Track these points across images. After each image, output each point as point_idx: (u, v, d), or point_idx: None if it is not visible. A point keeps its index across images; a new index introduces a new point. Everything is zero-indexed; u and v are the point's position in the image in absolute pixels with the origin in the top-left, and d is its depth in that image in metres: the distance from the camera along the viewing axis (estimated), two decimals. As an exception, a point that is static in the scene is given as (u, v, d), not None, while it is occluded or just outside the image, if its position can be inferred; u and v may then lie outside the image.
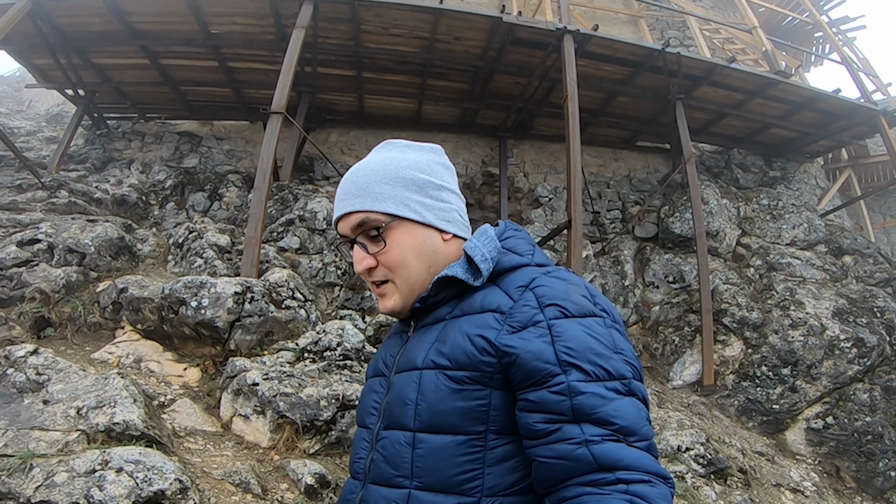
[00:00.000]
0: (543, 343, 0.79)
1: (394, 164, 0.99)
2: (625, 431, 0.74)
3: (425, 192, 0.98)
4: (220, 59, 7.20)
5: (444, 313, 0.95)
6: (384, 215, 0.95)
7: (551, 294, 0.84)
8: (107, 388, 3.01)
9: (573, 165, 5.71)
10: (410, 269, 0.95)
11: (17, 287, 4.07)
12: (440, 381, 0.85)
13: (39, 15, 6.32)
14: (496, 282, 0.93)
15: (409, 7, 6.59)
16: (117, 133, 7.97)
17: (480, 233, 0.99)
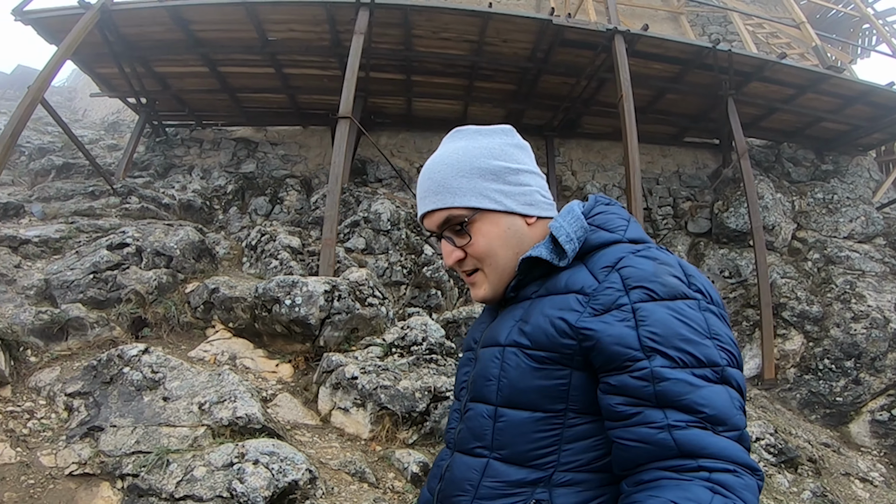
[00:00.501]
0: (626, 327, 0.78)
1: (467, 154, 0.97)
2: (713, 420, 0.71)
3: (503, 179, 0.96)
4: (277, 66, 7.43)
5: (531, 292, 0.94)
6: (466, 210, 0.94)
7: (638, 275, 0.81)
8: (223, 384, 3.20)
9: (632, 164, 5.78)
10: (498, 259, 0.95)
11: (114, 289, 4.30)
12: (521, 359, 0.86)
13: (107, 25, 6.58)
14: (584, 260, 0.91)
15: (460, 11, 6.73)
16: (176, 140, 8.26)
17: (566, 211, 0.97)
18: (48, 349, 3.66)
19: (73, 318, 3.84)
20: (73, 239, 5.18)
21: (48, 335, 3.72)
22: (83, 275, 4.31)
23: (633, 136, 5.91)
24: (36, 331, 3.67)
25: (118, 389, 3.16)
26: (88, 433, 2.89)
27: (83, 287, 4.23)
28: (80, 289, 4.22)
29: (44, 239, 5.03)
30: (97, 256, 4.47)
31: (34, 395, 3.24)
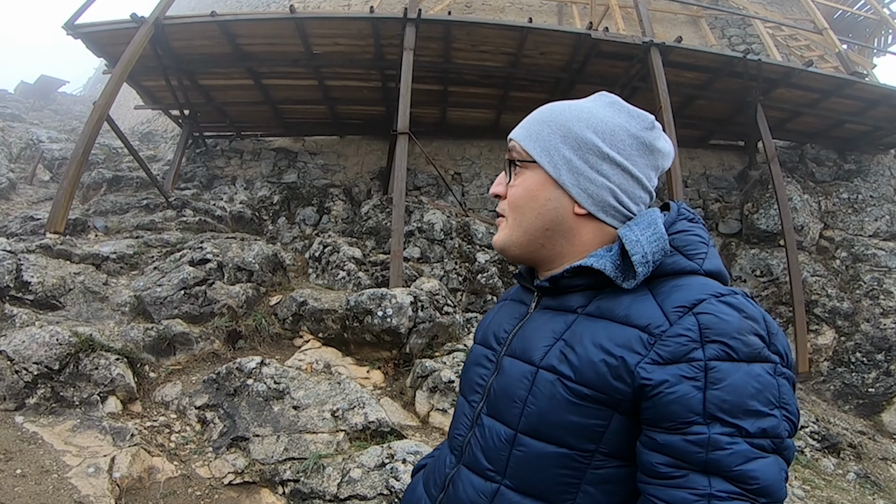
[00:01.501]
0: (692, 387, 0.69)
1: (575, 112, 0.89)
2: (759, 492, 0.66)
3: (581, 154, 0.86)
4: (319, 78, 7.64)
5: (576, 304, 0.84)
6: (525, 154, 0.89)
7: (720, 327, 0.70)
8: (347, 392, 3.46)
9: (674, 173, 6.07)
10: (524, 217, 0.87)
11: (205, 304, 4.53)
12: (557, 389, 0.77)
13: (158, 39, 6.74)
14: (650, 284, 0.80)
15: (500, 26, 6.98)
16: (216, 151, 8.45)
17: (648, 221, 0.83)
18: (160, 364, 3.90)
19: (178, 333, 4.07)
20: (145, 254, 5.40)
21: (158, 350, 3.96)
22: (174, 291, 4.54)
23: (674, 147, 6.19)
24: (147, 347, 3.90)
25: (246, 401, 3.41)
26: (233, 443, 3.14)
27: (176, 303, 4.46)
28: (174, 304, 4.45)
29: (120, 255, 5.23)
30: (183, 273, 4.69)
31: (163, 409, 3.48)
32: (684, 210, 0.89)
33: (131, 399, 3.44)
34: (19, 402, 3.12)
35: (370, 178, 8.33)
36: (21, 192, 7.06)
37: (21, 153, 8.14)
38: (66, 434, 2.94)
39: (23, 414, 3.05)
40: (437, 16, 6.90)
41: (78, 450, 2.80)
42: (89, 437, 2.94)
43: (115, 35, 6.91)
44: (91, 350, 3.45)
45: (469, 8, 10.87)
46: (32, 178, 7.56)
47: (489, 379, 0.89)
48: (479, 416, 0.88)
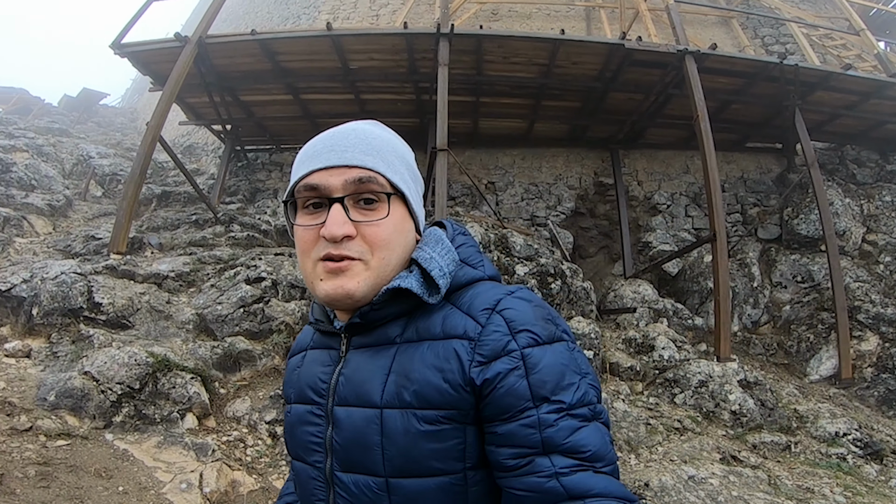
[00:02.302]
0: (517, 376, 0.74)
1: (398, 142, 0.92)
2: (593, 458, 0.72)
3: (417, 185, 0.92)
4: (355, 92, 7.85)
5: (394, 334, 0.83)
6: (391, 186, 0.84)
7: (521, 319, 0.77)
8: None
9: (712, 182, 6.10)
10: (393, 255, 0.83)
11: (264, 321, 4.76)
12: (410, 423, 0.77)
13: (202, 58, 7.02)
14: (450, 298, 0.84)
15: (532, 38, 7.08)
16: (256, 164, 8.73)
17: (434, 240, 0.87)
18: (227, 380, 4.13)
19: (242, 350, 4.30)
20: (200, 271, 5.65)
21: (225, 367, 4.19)
22: (233, 309, 4.77)
23: (712, 154, 6.23)
24: (215, 364, 4.14)
25: (310, 417, 3.61)
26: (303, 458, 3.34)
27: (237, 320, 4.70)
28: (235, 322, 4.68)
29: (178, 273, 5.50)
30: (241, 291, 4.92)
31: (235, 423, 3.70)
32: (457, 226, 0.96)
33: (205, 415, 3.67)
34: (107, 420, 3.36)
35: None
36: (77, 209, 7.42)
37: (73, 169, 8.53)
38: (153, 450, 3.17)
39: (111, 431, 3.30)
40: (469, 30, 7.02)
41: (167, 466, 3.02)
42: (174, 453, 3.16)
43: (159, 54, 7.23)
44: (167, 369, 3.69)
45: (495, 15, 10.96)
46: (86, 193, 7.92)
47: (326, 434, 0.85)
48: (333, 475, 0.83)
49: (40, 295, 4.52)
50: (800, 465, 4.82)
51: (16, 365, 3.95)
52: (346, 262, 0.80)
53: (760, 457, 4.83)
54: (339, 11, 11.24)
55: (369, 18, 10.99)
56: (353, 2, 11.38)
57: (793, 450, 5.03)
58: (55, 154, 8.53)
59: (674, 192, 8.29)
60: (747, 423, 5.16)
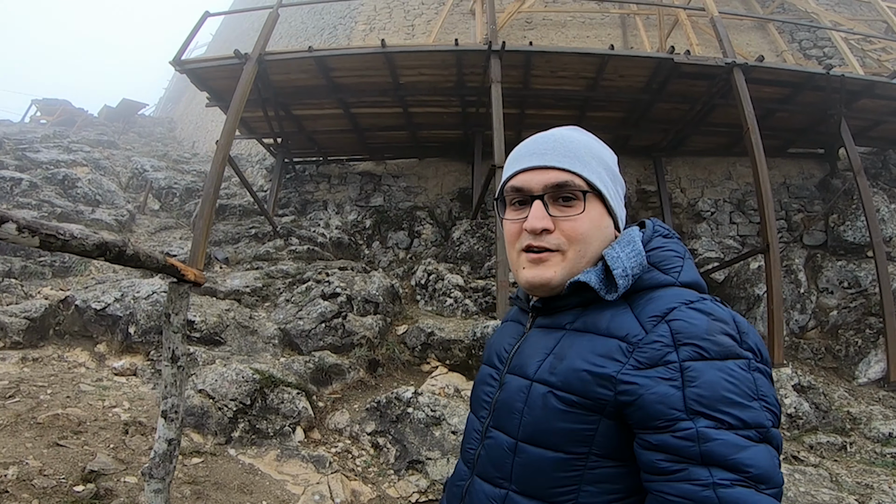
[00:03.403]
0: (671, 387, 0.74)
1: (597, 145, 0.99)
2: (757, 479, 0.70)
3: (617, 185, 0.97)
4: (404, 106, 8.07)
5: (566, 321, 0.91)
6: (588, 184, 0.92)
7: (690, 331, 0.77)
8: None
9: (764, 193, 6.24)
10: (589, 248, 0.91)
11: (345, 335, 5.00)
12: (548, 399, 0.83)
13: (260, 74, 7.26)
14: (630, 299, 0.87)
15: (580, 54, 7.24)
16: (304, 176, 8.98)
17: (627, 240, 0.92)
18: (321, 393, 4.38)
19: (332, 364, 4.55)
20: (271, 286, 5.92)
21: (318, 381, 4.44)
22: (315, 324, 5.02)
23: (763, 166, 6.36)
24: (310, 378, 4.39)
25: (409, 427, 3.85)
26: (410, 466, 3.58)
27: (320, 335, 4.95)
28: (318, 337, 4.93)
29: (252, 288, 5.77)
30: (320, 307, 5.17)
31: (337, 435, 3.95)
32: (659, 227, 0.98)
33: (310, 427, 3.91)
34: (227, 435, 3.62)
35: (450, 199, 8.72)
36: (139, 223, 7.72)
37: (129, 182, 8.84)
38: (275, 464, 3.42)
39: (233, 447, 3.55)
40: (520, 46, 7.19)
41: (293, 478, 3.27)
42: (295, 466, 3.41)
43: (218, 71, 7.50)
44: (273, 385, 3.94)
45: (529, 24, 11.11)
46: (144, 207, 8.22)
47: (494, 395, 0.96)
48: (487, 430, 0.94)
49: (136, 314, 4.80)
50: (856, 463, 4.99)
51: (127, 383, 4.22)
52: (546, 254, 0.90)
53: (818, 456, 5.01)
54: (375, 22, 11.44)
55: (405, 28, 11.19)
56: (389, 12, 11.58)
57: (848, 450, 5.20)
58: (111, 167, 8.85)
59: (717, 198, 8.42)
60: (803, 426, 5.34)
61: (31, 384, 3.79)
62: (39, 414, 3.31)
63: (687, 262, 0.92)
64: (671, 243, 0.95)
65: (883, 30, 9.15)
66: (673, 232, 0.98)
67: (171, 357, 1.93)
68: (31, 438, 3.05)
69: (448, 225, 8.30)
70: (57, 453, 2.86)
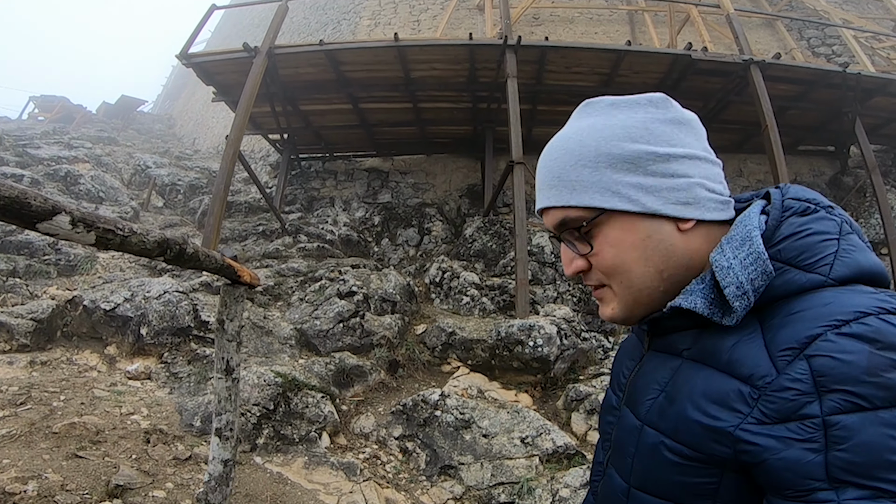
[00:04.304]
0: (806, 450, 0.56)
1: (595, 136, 0.74)
2: None
3: (644, 169, 0.72)
4: (414, 101, 7.93)
5: (682, 346, 0.72)
6: (586, 210, 0.73)
7: (841, 372, 0.55)
8: (529, 420, 3.75)
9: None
10: (632, 275, 0.72)
11: (364, 336, 4.87)
12: (658, 448, 0.69)
13: (268, 68, 7.10)
14: (762, 315, 0.65)
15: (597, 49, 7.14)
16: (311, 172, 8.82)
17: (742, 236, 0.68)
18: (343, 396, 4.25)
19: (353, 366, 4.41)
20: (284, 285, 5.76)
21: (340, 383, 4.30)
22: (332, 324, 4.88)
23: (782, 163, 6.29)
24: (331, 380, 4.25)
25: (438, 430, 3.73)
26: (443, 472, 3.46)
27: (338, 335, 4.81)
28: (336, 337, 4.80)
29: (264, 287, 5.61)
30: (337, 306, 5.03)
31: (363, 440, 3.82)
32: (791, 202, 0.71)
33: (336, 432, 3.78)
34: (252, 442, 3.48)
35: (459, 196, 8.60)
36: (143, 220, 7.53)
37: (132, 179, 8.64)
38: (304, 472, 3.29)
39: (258, 454, 3.41)
40: (535, 41, 7.09)
41: (324, 487, 3.14)
42: (325, 474, 3.28)
43: (226, 65, 7.33)
44: (297, 389, 3.81)
45: (537, 19, 10.99)
46: (148, 204, 8.04)
47: (614, 427, 0.83)
48: (607, 465, 0.83)
49: (148, 314, 4.63)
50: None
51: (142, 388, 4.06)
52: (600, 291, 0.77)
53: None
54: (380, 17, 11.28)
55: (410, 24, 11.03)
56: (394, 7, 11.42)
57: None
58: (113, 164, 8.65)
59: (729, 196, 8.36)
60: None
61: (43, 390, 3.63)
62: (55, 422, 3.15)
63: (844, 241, 0.66)
64: (813, 222, 0.67)
65: (892, 27, 9.12)
66: (817, 202, 0.70)
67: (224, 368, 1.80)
68: (48, 449, 2.89)
69: (458, 222, 8.18)
70: (77, 465, 2.71)
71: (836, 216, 0.68)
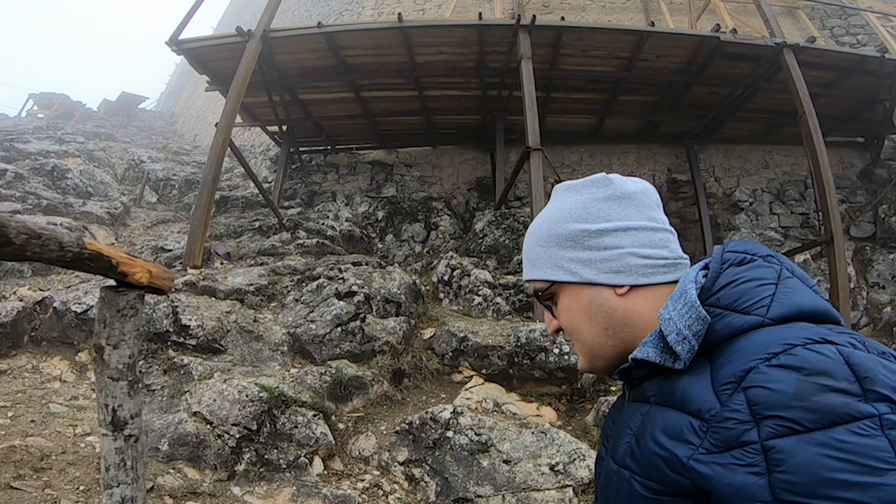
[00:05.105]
0: (750, 474, 0.58)
1: (549, 219, 0.87)
2: None
3: (580, 245, 0.83)
4: (419, 89, 7.43)
5: (650, 393, 0.77)
6: (544, 282, 0.87)
7: (771, 399, 0.59)
8: (557, 442, 3.24)
9: (826, 182, 5.64)
10: (584, 335, 0.84)
11: (364, 341, 4.36)
12: (632, 486, 0.73)
13: (264, 54, 6.61)
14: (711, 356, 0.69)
15: (615, 31, 6.63)
16: (311, 166, 8.34)
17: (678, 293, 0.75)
18: (341, 411, 3.74)
19: (352, 377, 3.91)
20: (278, 283, 5.27)
21: (336, 397, 3.80)
22: (329, 328, 4.38)
23: (823, 151, 5.79)
24: (327, 394, 3.75)
25: (450, 455, 3.22)
26: (456, 507, 2.94)
27: (336, 341, 4.30)
28: (334, 343, 4.29)
29: (256, 287, 5.12)
30: (335, 308, 4.52)
31: (363, 464, 3.31)
32: (729, 254, 0.76)
33: (330, 455, 3.29)
34: (230, 469, 2.98)
35: (467, 189, 8.09)
36: (134, 216, 7.06)
37: (126, 174, 8.18)
38: (291, 504, 2.78)
39: (237, 483, 2.92)
40: (551, 21, 6.58)
41: (315, 525, 2.63)
42: (316, 508, 2.77)
43: (219, 51, 6.86)
44: (284, 406, 3.31)
45: (547, 7, 10.48)
46: (141, 199, 7.57)
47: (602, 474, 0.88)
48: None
49: (124, 316, 4.14)
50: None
51: (113, 398, 3.58)
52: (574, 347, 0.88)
53: None
54: (384, 6, 10.78)
55: (415, 13, 10.53)
56: (398, -5, 10.94)
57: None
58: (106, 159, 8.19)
59: (755, 188, 7.83)
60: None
61: (-7, 403, 3.14)
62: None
63: (783, 286, 0.71)
64: (748, 270, 0.73)
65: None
66: (755, 252, 0.75)
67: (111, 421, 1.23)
68: (-19, 477, 2.40)
69: (467, 216, 7.67)
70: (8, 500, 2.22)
71: (774, 264, 0.74)
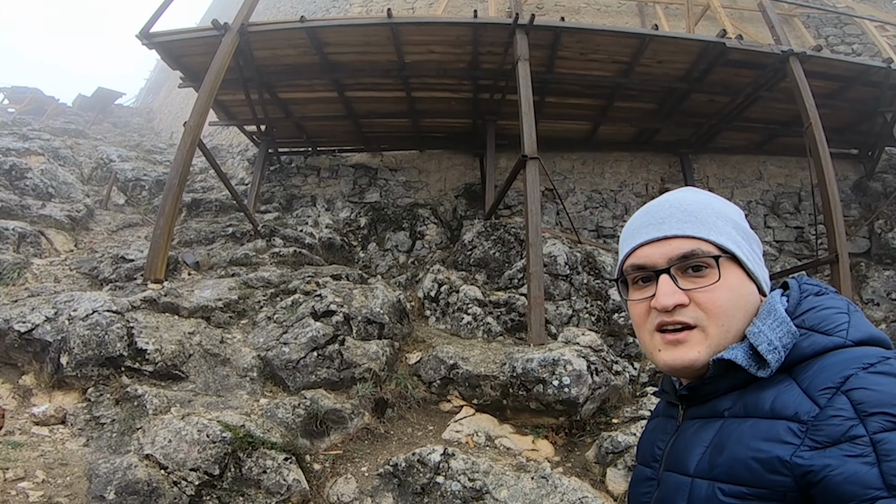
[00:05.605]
0: (862, 464, 0.61)
1: (719, 203, 0.85)
2: None
3: (753, 243, 0.84)
4: (407, 90, 7.05)
5: (723, 408, 0.77)
6: (720, 249, 0.79)
7: (876, 399, 0.63)
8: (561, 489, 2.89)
9: (832, 197, 5.40)
10: (733, 321, 0.77)
11: (344, 368, 3.94)
12: (714, 495, 0.71)
13: (242, 49, 6.16)
14: (793, 372, 0.73)
15: (617, 33, 6.33)
16: (291, 168, 7.90)
17: (766, 311, 0.78)
18: (316, 449, 3.34)
19: (329, 409, 3.49)
20: (250, 298, 4.84)
21: (311, 433, 3.39)
22: (304, 352, 3.95)
23: (829, 164, 5.55)
24: (300, 430, 3.34)
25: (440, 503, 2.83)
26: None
27: (311, 367, 3.88)
28: (309, 369, 3.87)
29: (225, 302, 4.67)
30: (311, 329, 4.09)
31: (340, 514, 2.90)
32: (807, 286, 0.82)
33: (305, 501, 2.87)
34: (186, 523, 2.55)
35: (455, 196, 7.73)
36: (99, 219, 6.55)
37: (93, 174, 7.64)
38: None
39: (194, 540, 2.49)
40: (550, 21, 6.25)
41: None
42: (283, 577, 2.36)
43: (193, 45, 6.39)
44: (251, 448, 2.89)
45: (541, 9, 10.15)
46: (107, 201, 7.04)
47: (652, 496, 0.86)
48: None
49: (69, 339, 3.68)
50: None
51: (50, 437, 3.13)
52: (685, 333, 0.79)
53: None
54: (372, 4, 10.39)
55: (405, 10, 10.15)
56: (386, -8, 10.54)
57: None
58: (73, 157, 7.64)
59: (749, 199, 7.63)
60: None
61: None
62: None
63: (854, 315, 0.76)
64: (827, 300, 0.79)
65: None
66: (827, 287, 0.82)
67: None
68: None
69: (454, 225, 7.30)
70: None
71: (843, 298, 0.80)
